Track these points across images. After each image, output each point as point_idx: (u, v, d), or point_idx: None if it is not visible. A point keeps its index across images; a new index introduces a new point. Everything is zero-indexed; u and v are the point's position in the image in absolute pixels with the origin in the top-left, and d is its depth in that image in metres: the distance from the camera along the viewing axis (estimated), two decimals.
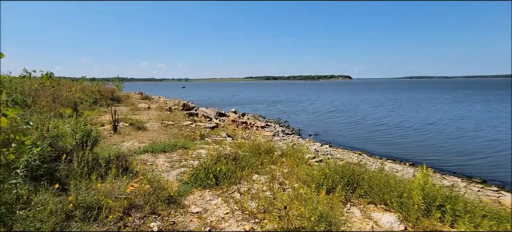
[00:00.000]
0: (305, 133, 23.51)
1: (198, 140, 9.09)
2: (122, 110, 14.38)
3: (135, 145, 6.70)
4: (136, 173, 4.16)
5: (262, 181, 4.37)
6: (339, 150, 17.49)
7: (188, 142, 7.77)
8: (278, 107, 43.94)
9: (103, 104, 15.03)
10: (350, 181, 4.11)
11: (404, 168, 13.78)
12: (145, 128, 9.50)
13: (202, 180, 4.04)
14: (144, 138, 7.85)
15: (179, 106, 17.86)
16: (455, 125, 24.81)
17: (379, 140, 20.09)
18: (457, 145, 18.21)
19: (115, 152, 4.51)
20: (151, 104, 17.70)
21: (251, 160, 5.37)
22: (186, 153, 6.14)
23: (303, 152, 6.92)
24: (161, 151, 6.08)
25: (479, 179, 12.75)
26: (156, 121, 11.42)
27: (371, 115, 32.17)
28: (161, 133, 8.85)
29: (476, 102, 45.77)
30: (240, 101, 55.00)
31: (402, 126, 24.89)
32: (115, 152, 4.45)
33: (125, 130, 8.81)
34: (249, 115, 30.20)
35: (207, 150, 6.77)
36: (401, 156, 16.31)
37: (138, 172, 4.18)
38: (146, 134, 8.54)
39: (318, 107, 41.86)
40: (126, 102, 17.04)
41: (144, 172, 4.26)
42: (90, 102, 13.30)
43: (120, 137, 7.70)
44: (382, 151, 17.41)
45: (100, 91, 16.59)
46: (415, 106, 40.41)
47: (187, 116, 15.48)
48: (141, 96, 21.02)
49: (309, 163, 5.86)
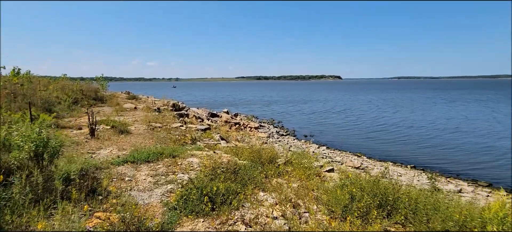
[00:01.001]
0: (300, 133, 22.74)
1: (189, 144, 8.10)
2: (105, 111, 13.20)
3: (113, 153, 5.66)
4: (107, 195, 3.17)
5: (270, 202, 3.46)
6: (337, 152, 16.77)
7: (177, 148, 6.78)
8: (271, 107, 43.17)
9: (85, 104, 13.77)
10: (382, 202, 3.26)
11: (406, 171, 13.14)
12: (129, 131, 8.43)
13: (194, 204, 3.10)
14: (126, 143, 6.80)
15: (169, 107, 16.74)
16: (452, 125, 24.53)
17: (377, 141, 19.50)
18: (456, 146, 17.79)
19: (81, 166, 3.50)
20: (138, 104, 16.51)
21: (254, 173, 4.45)
22: (175, 162, 5.16)
23: (310, 159, 6.05)
24: (144, 160, 5.08)
25: (485, 182, 12.21)
26: (142, 123, 10.34)
27: (367, 115, 31.72)
28: (147, 137, 7.81)
29: (470, 102, 46.22)
30: (233, 102, 53.94)
31: (400, 127, 24.44)
32: (81, 166, 3.44)
33: (105, 134, 7.73)
34: (241, 115, 29.24)
35: (200, 158, 5.81)
36: (401, 158, 15.71)
37: (109, 194, 3.19)
38: (129, 138, 7.49)
39: (312, 108, 41.32)
40: (110, 102, 15.79)
41: (117, 193, 3.28)
42: (68, 102, 12.06)
43: (98, 142, 6.63)
44: (381, 153, 16.78)
45: (82, 91, 15.29)
46: (411, 107, 40.31)
47: (177, 117, 14.41)
48: (128, 96, 19.74)
49: (320, 175, 4.99)
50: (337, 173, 5.64)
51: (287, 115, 33.62)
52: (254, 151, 6.03)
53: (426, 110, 34.89)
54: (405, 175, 12.28)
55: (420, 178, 12.01)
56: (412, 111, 34.25)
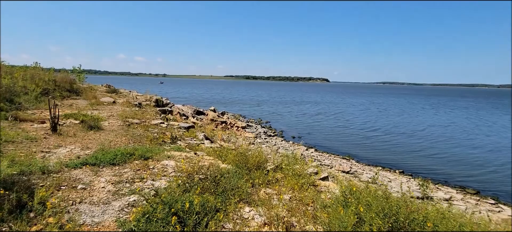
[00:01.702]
0: (288, 135, 22.24)
1: (168, 143, 7.29)
2: (80, 104, 12.10)
3: (74, 153, 4.80)
4: (42, 211, 2.39)
5: (258, 221, 2.78)
6: (326, 155, 16.34)
7: (153, 148, 5.98)
8: (259, 107, 42.54)
9: (57, 96, 12.59)
10: (395, 226, 2.65)
11: (396, 177, 12.83)
12: (100, 127, 7.51)
13: (158, 225, 2.37)
14: (93, 141, 5.92)
15: (151, 103, 15.73)
16: (440, 131, 24.74)
17: (365, 145, 19.26)
18: (444, 152, 17.76)
19: (21, 169, 2.69)
20: (118, 98, 15.40)
21: (239, 181, 3.75)
22: (146, 166, 4.38)
23: (303, 165, 5.42)
24: (109, 162, 4.27)
25: (473, 190, 12.07)
26: (118, 118, 9.40)
27: (356, 119, 31.63)
28: (120, 135, 6.94)
29: (454, 109, 47.38)
30: (221, 100, 52.92)
31: (388, 132, 24.37)
32: (20, 169, 2.63)
33: (70, 129, 6.79)
34: (229, 114, 28.42)
35: (177, 161, 5.05)
36: (389, 162, 15.46)
37: (45, 209, 2.41)
38: (99, 135, 6.59)
39: (301, 109, 41.03)
40: (87, 95, 14.59)
41: (59, 208, 2.50)
42: (36, 93, 10.89)
43: (59, 139, 5.72)
44: (370, 156, 16.50)
45: (55, 81, 14.03)
46: (399, 111, 40.75)
47: (159, 113, 13.47)
48: (108, 89, 18.50)
49: (315, 184, 4.35)
50: (333, 181, 5.04)
51: (276, 115, 33.11)
52: (240, 154, 5.34)
53: (414, 116, 35.29)
54: (394, 181, 11.95)
55: (410, 184, 11.72)
56: (400, 116, 34.55)
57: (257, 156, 4.92)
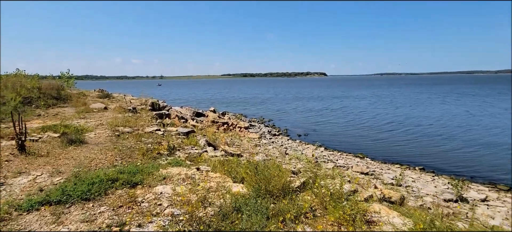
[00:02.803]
0: (294, 133, 21.06)
1: (164, 155, 6.12)
2: (67, 113, 10.91)
3: (38, 181, 3.63)
4: None
5: None
6: (337, 154, 15.16)
7: (145, 165, 4.81)
8: (261, 105, 41.37)
9: (41, 105, 11.37)
10: None
11: (418, 175, 11.66)
12: (83, 140, 6.32)
13: None
14: (69, 161, 4.74)
15: (147, 106, 14.51)
16: (455, 122, 23.43)
17: (378, 140, 18.08)
18: (464, 144, 16.50)
19: None
20: (110, 104, 14.20)
21: (262, 220, 2.59)
22: (133, 198, 3.21)
23: (336, 179, 4.24)
24: (81, 197, 3.09)
25: (504, 186, 10.94)
26: (107, 128, 8.22)
27: (364, 113, 30.13)
28: (106, 149, 5.76)
29: (462, 96, 46.13)
30: (220, 100, 51.69)
31: (401, 124, 23.06)
32: None
33: (45, 146, 5.60)
34: (230, 114, 27.23)
35: (176, 184, 3.88)
36: (407, 159, 14.27)
37: None
38: (79, 151, 5.41)
39: (305, 105, 39.84)
40: (76, 102, 13.37)
41: None
42: (15, 102, 9.67)
43: (26, 161, 4.54)
44: (385, 153, 15.33)
45: (40, 88, 12.80)
46: (406, 102, 39.19)
47: (155, 118, 12.28)
48: (100, 94, 17.26)
49: (366, 213, 3.17)
50: (383, 204, 3.87)
51: (278, 113, 31.93)
52: (254, 169, 4.17)
53: (423, 107, 33.89)
54: (418, 180, 10.82)
55: (436, 183, 10.58)
56: (409, 108, 33.02)
57: (279, 174, 3.74)
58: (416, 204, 6.93)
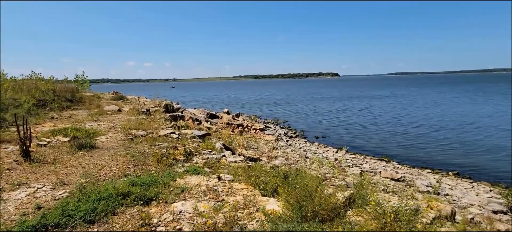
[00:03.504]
0: (311, 135, 20.19)
1: (180, 162, 5.54)
2: (80, 115, 10.59)
3: (38, 196, 3.09)
4: None
5: None
6: (360, 157, 14.13)
7: (160, 174, 4.23)
8: (275, 107, 40.62)
9: (55, 107, 11.13)
10: None
11: (454, 181, 10.57)
12: (94, 144, 5.83)
13: None
14: (76, 169, 4.22)
15: (161, 108, 14.10)
16: (490, 122, 21.75)
17: (403, 142, 16.88)
18: (504, 146, 15.13)
19: None
20: (124, 106, 13.89)
21: None
22: (147, 219, 2.60)
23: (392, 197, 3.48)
24: (84, 219, 2.51)
25: None
26: (120, 131, 7.75)
27: (387, 113, 28.47)
28: (118, 154, 5.23)
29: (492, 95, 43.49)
30: (233, 101, 51.31)
31: (428, 125, 21.48)
32: None
33: (53, 151, 5.14)
34: (243, 116, 26.65)
35: (196, 199, 3.25)
36: (438, 162, 13.06)
37: None
38: (89, 157, 4.90)
39: (321, 106, 38.73)
40: (90, 104, 13.11)
41: None
42: (28, 105, 9.42)
43: (29, 169, 4.05)
44: (412, 156, 14.22)
45: (54, 91, 12.63)
46: (430, 102, 36.90)
47: (170, 120, 11.81)
48: (114, 96, 17.06)
49: None
50: (454, 224, 3.09)
51: (293, 114, 31.06)
52: (283, 179, 3.48)
53: (450, 107, 31.76)
54: (455, 187, 9.77)
55: (477, 191, 9.51)
56: (435, 108, 30.97)
57: (321, 189, 3.02)
58: (464, 217, 6.04)
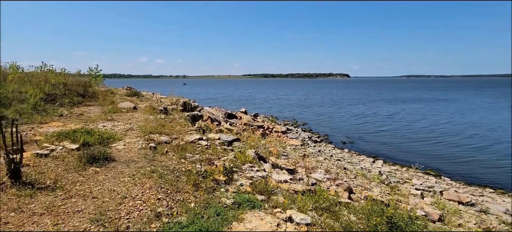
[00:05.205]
0: (336, 140, 18.49)
1: (221, 183, 4.14)
2: (92, 112, 9.36)
3: None
4: None
5: None
6: (401, 169, 12.31)
7: (204, 212, 2.81)
8: (291, 107, 38.96)
9: (66, 103, 9.94)
10: None
11: None
12: (109, 155, 4.48)
13: None
14: (85, 202, 2.85)
15: (178, 107, 12.80)
16: None
17: (446, 153, 14.90)
18: None
19: None
20: (140, 102, 12.68)
21: None
22: None
23: None
24: None
25: None
26: (139, 134, 6.41)
27: (422, 120, 26.01)
28: (141, 174, 3.84)
29: None
30: (246, 99, 49.91)
31: (477, 135, 19.17)
32: None
33: (55, 165, 3.80)
34: (261, 116, 25.19)
35: None
36: (493, 179, 11.34)
37: None
38: (103, 178, 3.54)
39: (340, 108, 36.83)
40: (103, 100, 11.92)
41: None
42: (35, 100, 8.22)
43: (15, 201, 2.70)
44: (467, 171, 12.20)
45: (65, 84, 11.49)
46: (467, 109, 33.51)
47: (190, 120, 10.47)
48: (128, 92, 15.91)
49: None
50: None
51: (313, 116, 29.35)
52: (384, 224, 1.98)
53: (490, 113, 29.19)
54: None
55: None
56: (475, 114, 28.45)
57: None
58: None
